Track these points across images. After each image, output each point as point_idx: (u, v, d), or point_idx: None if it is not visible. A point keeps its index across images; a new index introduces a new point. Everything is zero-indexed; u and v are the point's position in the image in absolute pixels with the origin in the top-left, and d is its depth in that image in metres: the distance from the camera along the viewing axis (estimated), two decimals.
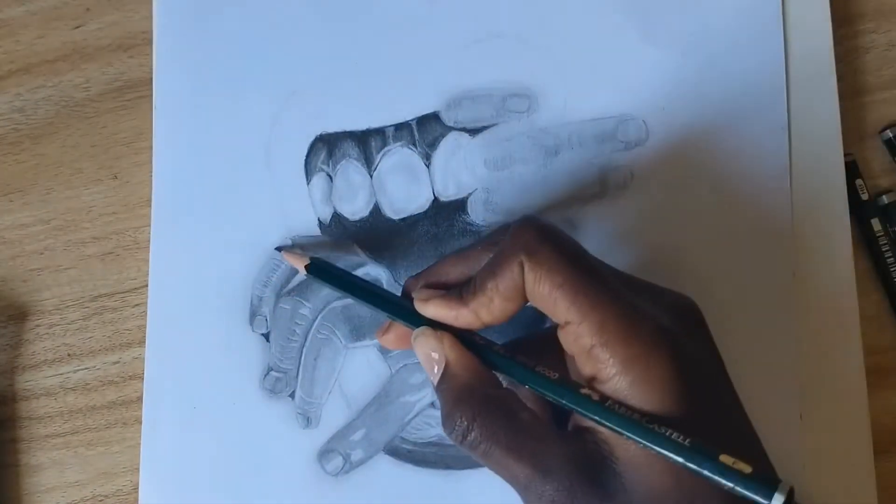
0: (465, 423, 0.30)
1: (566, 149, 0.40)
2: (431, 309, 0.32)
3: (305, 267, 0.36)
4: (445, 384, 0.31)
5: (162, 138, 0.41)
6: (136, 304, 0.41)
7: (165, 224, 0.41)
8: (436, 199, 0.40)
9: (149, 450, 0.39)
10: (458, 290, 0.31)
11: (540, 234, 0.30)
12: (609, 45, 0.40)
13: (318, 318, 0.39)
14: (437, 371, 0.31)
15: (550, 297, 0.29)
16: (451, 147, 0.40)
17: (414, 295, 0.33)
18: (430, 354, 0.31)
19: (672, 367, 0.28)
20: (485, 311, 0.31)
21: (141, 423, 0.40)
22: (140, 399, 0.40)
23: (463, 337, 0.32)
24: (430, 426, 0.39)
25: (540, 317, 0.32)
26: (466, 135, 0.40)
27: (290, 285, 0.40)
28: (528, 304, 0.31)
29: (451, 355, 0.31)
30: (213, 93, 0.41)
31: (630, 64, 0.40)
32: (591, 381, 0.29)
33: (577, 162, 0.40)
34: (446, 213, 0.40)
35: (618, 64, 0.40)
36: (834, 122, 0.39)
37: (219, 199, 0.41)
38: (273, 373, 0.39)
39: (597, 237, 0.39)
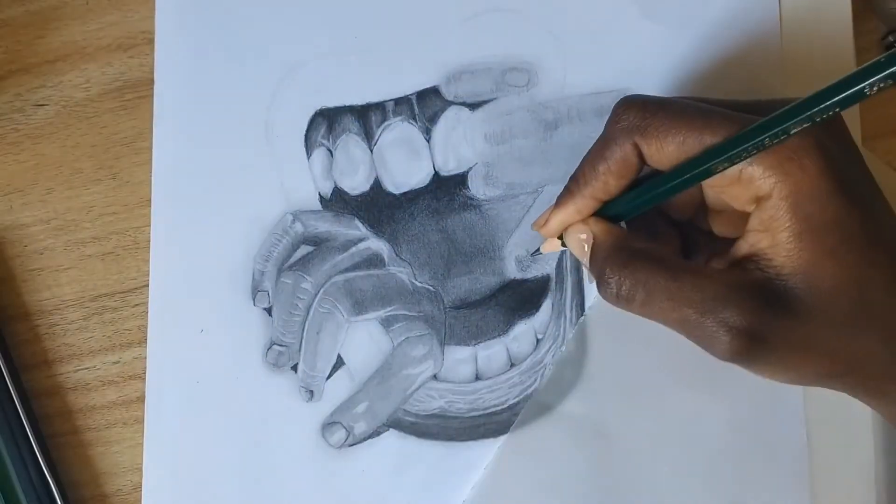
0: (616, 275, 0.31)
1: (565, 123, 0.40)
2: (555, 220, 0.34)
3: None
4: (595, 256, 0.32)
5: (161, 111, 0.41)
6: (136, 304, 0.41)
7: (166, 199, 0.41)
8: (436, 173, 0.40)
9: (153, 425, 0.39)
10: (567, 189, 0.33)
11: (645, 109, 0.31)
12: (608, 20, 0.40)
13: (320, 292, 0.40)
14: (587, 249, 0.33)
15: (680, 154, 0.30)
16: (450, 121, 0.40)
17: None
18: (579, 238, 0.33)
19: (824, 157, 0.28)
20: (601, 192, 0.33)
21: (141, 422, 0.40)
22: (140, 399, 0.40)
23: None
24: (433, 398, 0.39)
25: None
26: (466, 109, 0.40)
27: (292, 260, 0.40)
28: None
29: (596, 229, 0.33)
30: (212, 67, 0.41)
31: (629, 38, 0.40)
32: (750, 212, 0.30)
33: (576, 136, 0.40)
34: (447, 187, 0.40)
35: (617, 38, 0.40)
36: None
37: (219, 175, 0.41)
38: (276, 347, 0.40)
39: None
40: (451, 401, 0.39)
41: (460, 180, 0.40)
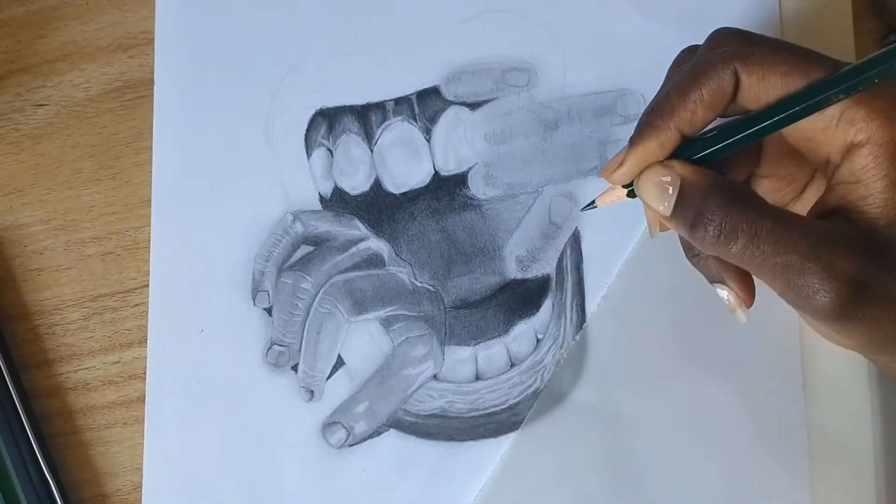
0: (718, 215, 0.28)
1: (565, 123, 0.40)
2: (634, 158, 0.30)
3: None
4: (687, 198, 0.29)
5: (161, 111, 0.41)
6: (136, 304, 0.41)
7: (166, 199, 0.41)
8: (436, 173, 0.40)
9: (153, 425, 0.40)
10: (646, 123, 0.30)
11: (747, 37, 0.29)
12: (608, 20, 0.40)
13: (320, 292, 0.40)
14: (672, 193, 0.29)
15: (781, 87, 0.28)
16: (451, 121, 0.40)
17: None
18: (661, 182, 0.30)
19: None
20: (686, 125, 0.30)
21: (141, 422, 0.40)
22: (140, 399, 0.40)
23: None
24: (433, 398, 0.39)
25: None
26: (466, 109, 0.40)
27: (292, 260, 0.40)
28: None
29: (685, 171, 0.30)
30: (212, 67, 0.41)
31: (629, 38, 0.40)
32: (845, 154, 0.29)
33: (576, 136, 0.40)
34: (447, 186, 0.40)
35: (616, 38, 0.40)
36: None
37: (219, 175, 0.41)
38: (276, 347, 0.40)
39: (596, 211, 0.39)
40: (451, 401, 0.39)
41: (460, 180, 0.40)
